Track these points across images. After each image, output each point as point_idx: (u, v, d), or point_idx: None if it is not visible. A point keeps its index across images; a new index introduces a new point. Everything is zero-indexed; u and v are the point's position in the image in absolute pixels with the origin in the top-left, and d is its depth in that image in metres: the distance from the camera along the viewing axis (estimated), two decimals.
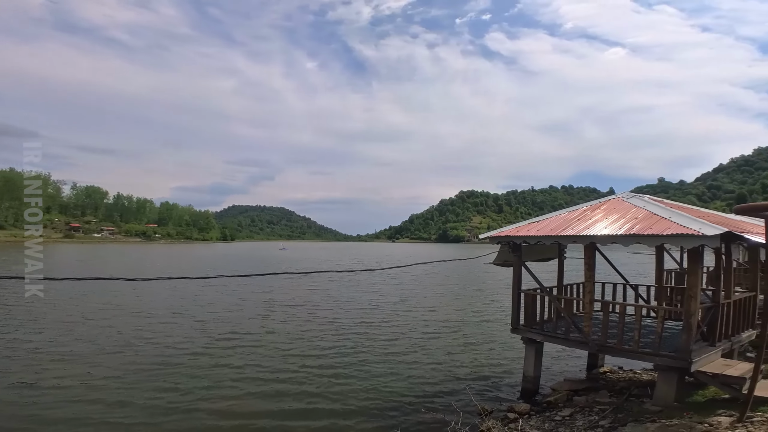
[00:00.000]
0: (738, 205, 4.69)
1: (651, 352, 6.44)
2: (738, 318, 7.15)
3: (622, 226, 6.50)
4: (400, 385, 8.99)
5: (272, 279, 28.87)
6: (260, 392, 8.51)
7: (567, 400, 7.52)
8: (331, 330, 14.08)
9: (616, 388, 7.90)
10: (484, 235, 8.80)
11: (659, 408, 6.09)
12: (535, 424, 6.32)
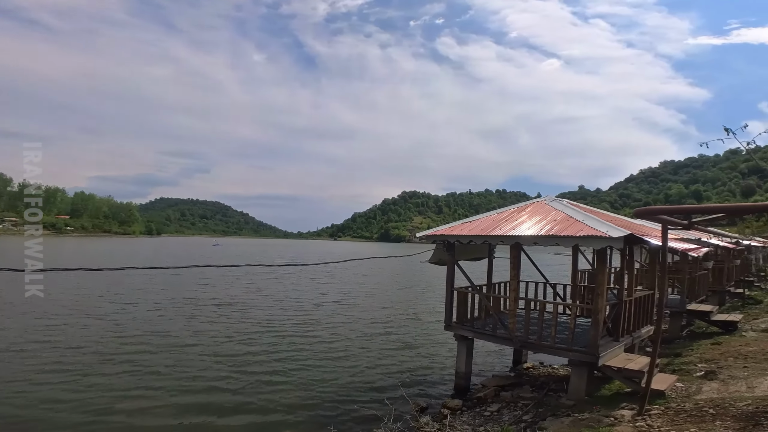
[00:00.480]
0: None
1: (565, 348, 6.80)
2: (638, 315, 7.79)
3: (543, 227, 6.94)
4: (337, 385, 8.89)
5: (199, 277, 27.40)
6: (181, 398, 7.92)
7: (495, 395, 7.73)
8: (266, 330, 13.61)
9: (537, 383, 8.32)
10: (420, 234, 8.92)
11: (573, 402, 6.40)
12: (467, 420, 6.48)
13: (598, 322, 6.46)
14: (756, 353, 7.27)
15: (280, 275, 30.80)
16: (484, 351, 10.91)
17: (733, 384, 5.86)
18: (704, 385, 6.06)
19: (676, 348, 9.18)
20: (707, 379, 6.39)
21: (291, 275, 31.35)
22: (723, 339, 9.15)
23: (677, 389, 6.05)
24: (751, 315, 11.59)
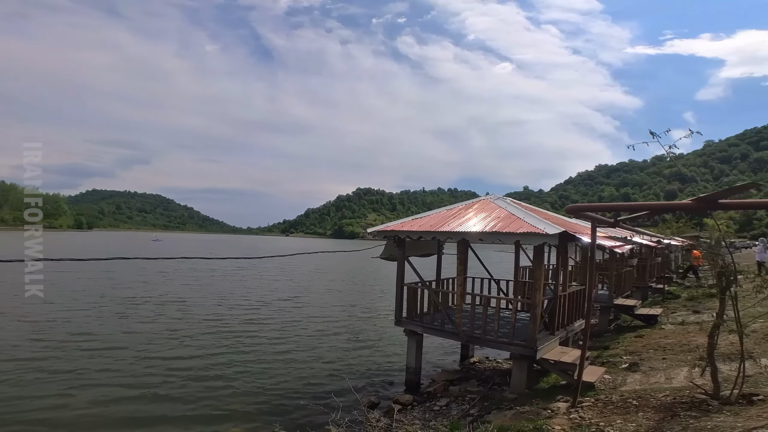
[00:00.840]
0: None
1: (507, 342, 7.03)
2: (572, 309, 8.23)
3: (487, 224, 7.12)
4: (285, 385, 8.61)
5: (134, 273, 25.44)
6: (110, 407, 7.22)
7: (444, 390, 7.88)
8: (208, 330, 12.87)
9: (483, 377, 8.55)
10: (371, 230, 8.98)
11: (515, 395, 6.63)
12: (417, 415, 6.53)
13: (536, 316, 6.71)
14: (673, 345, 7.85)
15: (227, 272, 29.37)
16: (434, 346, 11.07)
17: (653, 375, 6.25)
18: (629, 377, 6.42)
19: (605, 341, 9.74)
20: (631, 370, 6.79)
21: (237, 272, 30.03)
22: (645, 332, 9.77)
23: (606, 381, 6.36)
24: (670, 309, 12.56)
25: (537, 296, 6.77)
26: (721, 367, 4.58)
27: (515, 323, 7.20)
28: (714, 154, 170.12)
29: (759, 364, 4.92)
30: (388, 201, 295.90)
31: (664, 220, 27.52)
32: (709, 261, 4.88)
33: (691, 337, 8.10)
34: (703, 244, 5.54)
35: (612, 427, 4.33)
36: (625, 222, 5.48)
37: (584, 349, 5.76)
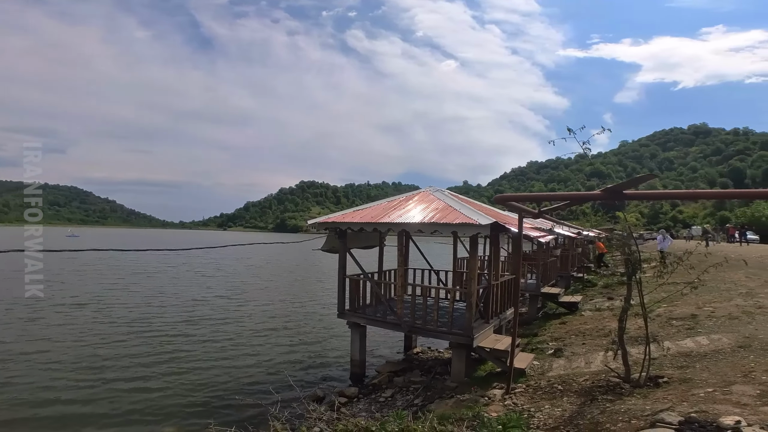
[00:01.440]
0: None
1: (446, 331, 7.21)
2: (504, 297, 8.58)
3: (426, 215, 7.22)
4: (224, 384, 8.26)
5: (43, 272, 22.54)
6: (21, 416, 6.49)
7: (389, 381, 7.92)
8: (136, 331, 11.87)
9: (426, 366, 8.71)
10: (311, 221, 8.75)
11: (456, 384, 6.81)
12: (363, 407, 6.52)
13: (472, 305, 6.91)
14: (591, 330, 8.49)
15: (155, 269, 27.10)
16: (379, 337, 11.12)
17: (575, 360, 6.69)
18: (554, 363, 6.80)
19: (534, 328, 10.33)
20: (556, 356, 7.21)
21: (168, 269, 27.85)
22: (568, 318, 10.47)
23: (535, 367, 6.70)
24: (588, 296, 13.66)
25: (472, 285, 6.98)
26: (631, 351, 4.98)
27: (453, 313, 7.37)
28: (628, 154, 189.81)
29: (663, 347, 5.43)
30: (332, 194, 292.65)
31: (584, 214, 29.87)
32: (620, 251, 5.27)
33: (606, 322, 8.81)
34: (615, 236, 6.04)
35: (541, 412, 4.54)
36: (547, 213, 5.76)
37: (514, 336, 6.00)
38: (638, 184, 4.02)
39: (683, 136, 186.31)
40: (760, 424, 3.13)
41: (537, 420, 4.33)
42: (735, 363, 4.82)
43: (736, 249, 22.86)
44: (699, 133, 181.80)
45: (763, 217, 48.22)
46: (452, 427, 3.79)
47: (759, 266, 13.51)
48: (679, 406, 3.70)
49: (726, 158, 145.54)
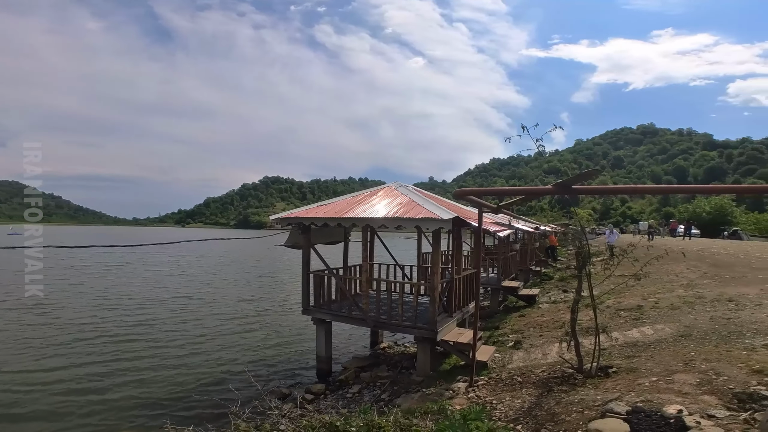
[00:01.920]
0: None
1: (411, 325, 7.27)
2: (467, 291, 8.74)
3: (390, 210, 7.22)
4: (184, 385, 8.03)
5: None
6: None
7: (356, 377, 7.93)
8: (86, 335, 11.14)
9: (392, 361, 8.76)
10: (274, 217, 8.54)
11: (421, 378, 6.88)
12: (330, 403, 6.48)
13: (435, 299, 7.00)
14: (548, 322, 8.82)
15: (106, 269, 25.46)
16: (345, 333, 11.10)
17: (533, 352, 6.92)
18: (514, 355, 7.01)
19: (495, 321, 10.60)
20: (516, 348, 7.43)
21: (120, 268, 26.28)
22: (527, 311, 10.84)
23: (496, 359, 6.86)
24: (546, 289, 14.23)
25: (435, 280, 7.05)
26: (583, 341, 5.20)
27: (417, 307, 7.42)
28: (582, 152, 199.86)
29: (611, 337, 5.72)
30: (297, 190, 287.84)
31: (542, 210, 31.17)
32: (573, 245, 5.51)
33: (561, 314, 9.20)
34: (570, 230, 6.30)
35: (502, 404, 4.65)
36: (506, 208, 5.91)
37: (476, 329, 6.12)
38: (584, 179, 4.20)
39: (633, 135, 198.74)
40: (700, 413, 3.33)
41: (498, 412, 4.42)
42: (676, 352, 5.11)
43: (679, 243, 24.64)
44: (647, 132, 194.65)
45: (703, 212, 52.31)
46: (417, 421, 3.79)
47: (698, 258, 14.62)
48: (627, 396, 3.89)
49: (671, 157, 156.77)
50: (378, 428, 3.44)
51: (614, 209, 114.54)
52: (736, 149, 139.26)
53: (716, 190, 7.95)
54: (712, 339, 5.42)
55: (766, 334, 5.24)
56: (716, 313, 6.73)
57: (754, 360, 4.32)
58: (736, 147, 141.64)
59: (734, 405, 3.49)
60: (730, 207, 53.95)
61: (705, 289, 9.02)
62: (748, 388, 3.70)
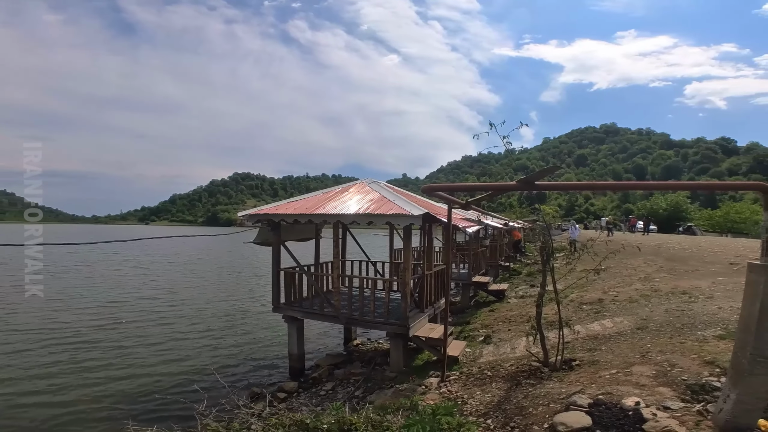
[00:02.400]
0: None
1: (383, 321, 7.29)
2: (438, 287, 8.84)
3: (362, 207, 7.19)
4: (152, 387, 7.80)
5: None
6: None
7: (329, 374, 7.90)
8: (44, 342, 10.44)
9: (365, 358, 8.76)
10: (242, 213, 8.35)
11: (395, 374, 6.89)
12: (304, 401, 6.41)
13: (406, 295, 7.04)
14: (516, 317, 9.03)
15: (64, 269, 24.03)
16: (318, 331, 11.03)
17: (502, 346, 7.06)
18: (484, 349, 7.13)
19: (466, 316, 10.78)
20: (486, 343, 7.57)
21: (79, 268, 24.91)
22: (496, 306, 11.05)
23: (467, 354, 6.95)
24: (514, 284, 14.56)
25: (407, 275, 7.09)
26: (548, 335, 5.34)
27: (389, 303, 7.44)
28: (549, 150, 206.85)
29: (574, 331, 5.92)
30: (269, 186, 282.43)
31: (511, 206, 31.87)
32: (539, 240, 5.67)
33: (529, 308, 9.43)
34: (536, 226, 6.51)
35: (473, 399, 4.72)
36: (474, 204, 6.00)
37: (446, 325, 6.17)
38: (545, 175, 4.32)
39: (596, 134, 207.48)
40: (656, 404, 3.48)
41: (470, 407, 4.48)
42: (634, 344, 5.33)
43: (638, 238, 25.90)
44: (609, 132, 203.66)
45: (660, 209, 55.28)
46: (390, 417, 3.78)
47: (654, 253, 15.41)
48: (589, 389, 4.03)
49: (631, 155, 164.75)
50: (350, 425, 3.42)
51: (578, 206, 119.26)
52: (691, 149, 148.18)
53: (672, 186, 8.42)
54: (667, 331, 5.68)
55: (717, 325, 5.55)
56: (671, 306, 7.06)
57: (706, 351, 4.55)
58: (691, 146, 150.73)
59: (688, 396, 3.65)
60: (685, 204, 57.30)
61: (661, 283, 9.45)
62: (701, 379, 3.89)
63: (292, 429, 3.48)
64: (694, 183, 8.03)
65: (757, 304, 2.85)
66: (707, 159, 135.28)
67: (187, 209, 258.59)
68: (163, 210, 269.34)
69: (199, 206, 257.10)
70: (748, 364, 2.87)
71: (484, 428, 3.80)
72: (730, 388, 3.03)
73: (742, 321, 3.02)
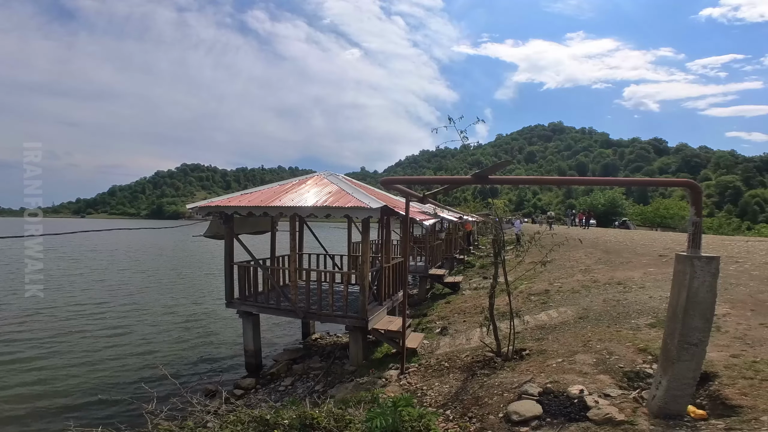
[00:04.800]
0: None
1: (341, 315, 7.26)
2: (395, 280, 8.88)
3: (319, 199, 7.09)
4: (95, 387, 7.44)
5: None
6: None
7: (287, 369, 7.79)
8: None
9: (325, 352, 8.70)
10: (191, 205, 7.93)
11: (354, 368, 6.89)
12: (262, 397, 6.25)
13: (365, 287, 7.05)
14: (470, 308, 9.33)
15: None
16: (275, 326, 10.83)
17: (458, 337, 7.28)
18: (441, 341, 7.31)
19: (424, 309, 10.99)
20: (442, 334, 7.76)
21: (9, 266, 22.50)
22: (452, 298, 11.36)
23: (425, 346, 7.10)
24: (468, 276, 15.02)
25: (365, 268, 7.08)
26: (500, 326, 5.56)
27: (348, 296, 7.44)
28: (502, 146, 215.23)
29: (524, 321, 6.22)
30: (221, 178, 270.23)
31: (465, 200, 33.00)
32: (491, 233, 5.89)
33: (482, 300, 9.78)
34: (489, 219, 6.76)
35: (432, 390, 4.83)
36: (430, 197, 6.12)
37: (404, 317, 6.26)
38: (498, 169, 4.48)
39: (544, 132, 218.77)
40: (598, 392, 3.72)
41: (429, 398, 4.59)
42: (577, 333, 5.67)
43: (579, 232, 27.72)
44: (556, 130, 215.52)
45: (599, 204, 59.37)
46: (351, 410, 3.77)
47: (593, 245, 16.56)
48: (538, 377, 4.25)
49: (575, 153, 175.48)
50: (311, 419, 3.37)
51: (527, 200, 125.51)
52: (627, 148, 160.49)
53: (612, 182, 9.05)
54: (605, 320, 6.09)
55: (649, 314, 6.03)
56: (608, 296, 7.57)
57: (639, 339, 4.94)
58: (627, 146, 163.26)
59: (625, 384, 3.92)
60: (621, 200, 62.00)
61: (599, 274, 10.10)
62: (635, 366, 4.21)
63: (251, 426, 3.37)
64: (632, 179, 8.82)
65: (684, 293, 3.04)
66: (641, 158, 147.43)
67: (129, 201, 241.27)
68: (101, 202, 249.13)
69: (143, 198, 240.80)
70: (677, 351, 3.05)
71: (444, 419, 3.90)
72: (661, 375, 3.22)
73: (671, 309, 3.20)
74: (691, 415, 3.17)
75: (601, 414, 3.32)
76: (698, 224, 3.18)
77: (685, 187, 3.40)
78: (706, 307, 3.04)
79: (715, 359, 3.89)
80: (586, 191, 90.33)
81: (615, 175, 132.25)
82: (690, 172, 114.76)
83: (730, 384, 3.51)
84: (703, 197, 3.54)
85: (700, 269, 3.01)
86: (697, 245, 3.14)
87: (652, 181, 7.62)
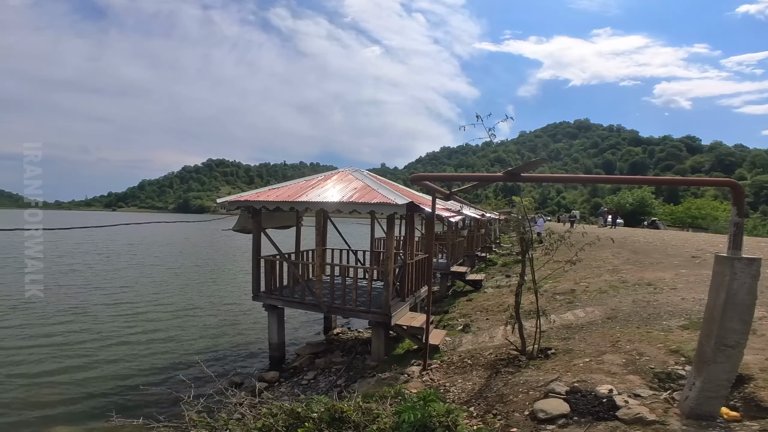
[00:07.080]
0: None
1: (365, 310, 7.32)
2: (419, 276, 8.93)
3: (345, 195, 7.16)
4: (132, 377, 7.75)
5: None
6: None
7: (310, 363, 7.89)
8: (13, 327, 10.28)
9: (346, 347, 8.78)
10: (221, 200, 8.21)
11: (376, 363, 6.94)
12: (285, 391, 6.39)
13: (389, 283, 7.09)
14: (493, 306, 9.25)
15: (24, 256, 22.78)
16: (298, 319, 11.00)
17: (480, 335, 7.23)
18: (463, 338, 7.27)
19: (445, 305, 10.95)
20: (464, 332, 7.72)
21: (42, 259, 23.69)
22: (474, 295, 11.27)
23: (447, 343, 7.07)
24: (490, 274, 14.89)
25: (389, 264, 7.12)
26: (525, 324, 5.50)
27: (371, 292, 7.48)
28: (525, 143, 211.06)
29: (550, 320, 6.13)
30: (244, 173, 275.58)
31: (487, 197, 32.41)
32: (516, 231, 5.81)
33: (505, 298, 9.70)
34: (512, 218, 6.69)
35: (455, 387, 4.83)
36: (457, 194, 6.10)
37: (428, 313, 6.25)
38: (532, 168, 4.45)
39: (570, 129, 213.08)
40: (627, 392, 3.65)
41: (452, 394, 4.59)
42: (605, 333, 5.56)
43: (606, 231, 26.96)
44: (582, 127, 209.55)
45: (627, 203, 57.50)
46: (375, 405, 3.84)
47: (621, 245, 16.10)
48: (565, 376, 4.20)
49: (601, 151, 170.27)
50: (340, 413, 3.44)
51: (551, 198, 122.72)
52: (657, 146, 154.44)
53: (648, 181, 8.79)
54: (634, 321, 5.96)
55: (681, 315, 5.86)
56: (637, 296, 7.39)
57: (671, 340, 4.80)
58: (658, 144, 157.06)
59: (655, 384, 3.84)
60: (650, 199, 59.82)
61: (627, 274, 9.87)
62: (667, 367, 4.10)
63: (282, 418, 3.48)
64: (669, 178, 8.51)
65: (722, 295, 2.96)
66: (672, 156, 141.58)
67: (157, 195, 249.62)
68: (131, 196, 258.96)
69: (170, 192, 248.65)
70: (712, 352, 3.00)
71: (467, 415, 3.92)
72: (695, 376, 3.17)
73: (708, 311, 3.14)
74: (724, 417, 3.12)
75: (632, 413, 3.27)
76: (740, 225, 3.09)
77: (728, 186, 3.30)
78: (745, 309, 2.96)
79: (750, 362, 3.77)
80: (613, 189, 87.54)
81: (644, 173, 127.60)
82: (724, 171, 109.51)
83: (765, 386, 3.41)
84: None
85: (741, 271, 2.92)
86: (738, 246, 3.05)
87: (690, 181, 7.40)
